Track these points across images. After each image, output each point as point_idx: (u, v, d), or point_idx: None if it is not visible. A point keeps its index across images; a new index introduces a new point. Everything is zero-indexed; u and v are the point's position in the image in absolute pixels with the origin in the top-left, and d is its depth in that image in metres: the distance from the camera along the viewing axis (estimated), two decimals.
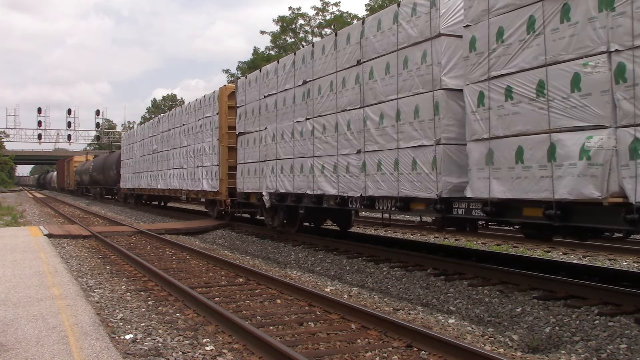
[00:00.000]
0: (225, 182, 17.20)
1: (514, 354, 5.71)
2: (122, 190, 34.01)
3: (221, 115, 17.74)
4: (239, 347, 5.71)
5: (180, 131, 22.03)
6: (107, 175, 39.11)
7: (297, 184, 12.53)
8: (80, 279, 9.41)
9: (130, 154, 31.81)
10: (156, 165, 25.53)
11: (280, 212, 14.10)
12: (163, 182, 24.23)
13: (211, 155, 18.23)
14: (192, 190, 20.49)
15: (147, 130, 28.31)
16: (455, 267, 9.14)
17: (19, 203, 40.11)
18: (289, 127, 12.96)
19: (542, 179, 6.53)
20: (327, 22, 49.84)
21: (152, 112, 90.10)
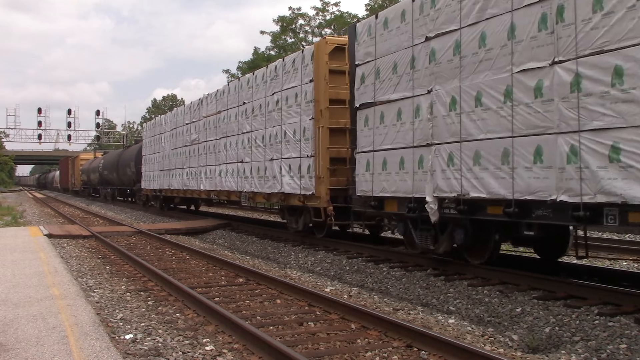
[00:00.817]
0: (326, 180, 12.19)
1: (514, 354, 5.71)
2: (143, 191, 28.45)
3: (318, 83, 12.47)
4: (239, 347, 5.71)
5: (238, 113, 16.50)
6: (122, 174, 34.02)
7: (525, 184, 7.24)
8: (80, 279, 9.41)
9: (154, 147, 26.22)
10: (196, 160, 20.11)
11: (456, 231, 8.92)
12: (209, 181, 18.80)
13: (297, 142, 13.07)
14: (261, 193, 14.97)
15: (181, 117, 22.49)
16: (455, 267, 9.14)
17: (19, 203, 40.11)
18: (498, 83, 7.60)
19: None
20: (327, 22, 49.82)
21: (152, 112, 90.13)
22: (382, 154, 10.02)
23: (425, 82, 9.04)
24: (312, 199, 12.53)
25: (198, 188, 19.95)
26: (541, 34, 6.96)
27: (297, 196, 13.10)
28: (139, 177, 29.00)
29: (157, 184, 25.40)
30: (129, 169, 31.80)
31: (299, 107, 13.08)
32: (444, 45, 8.62)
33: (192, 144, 20.74)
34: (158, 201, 26.38)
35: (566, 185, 6.65)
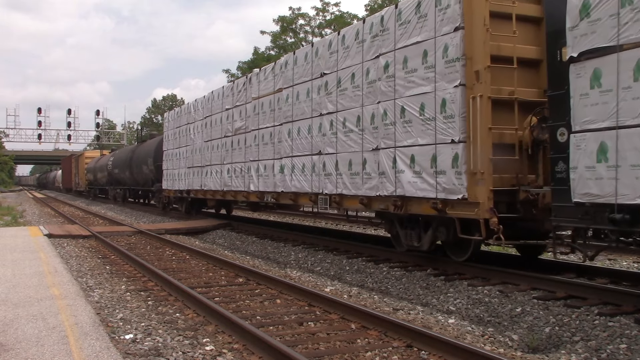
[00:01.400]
0: (488, 178, 8.04)
1: (514, 354, 5.71)
2: (165, 193, 23.85)
3: (472, 30, 8.32)
4: (239, 347, 5.71)
5: (311, 89, 12.34)
6: (136, 173, 29.69)
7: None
8: (80, 279, 9.41)
9: (180, 140, 21.90)
10: (242, 153, 15.85)
11: None
12: (262, 180, 14.62)
13: (429, 122, 8.91)
14: (355, 196, 10.77)
15: (218, 101, 17.84)
16: (455, 267, 9.13)
17: (19, 203, 40.10)
18: None
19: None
20: (327, 22, 49.85)
21: (152, 112, 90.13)
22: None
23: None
24: (459, 205, 8.37)
25: (246, 189, 15.58)
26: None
27: (428, 201, 8.89)
28: (159, 176, 24.71)
29: (185, 184, 20.86)
30: (146, 166, 27.45)
31: (431, 71, 8.88)
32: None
33: (236, 134, 16.21)
34: (184, 204, 22.11)
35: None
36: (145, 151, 28.54)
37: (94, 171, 43.76)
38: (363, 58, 10.61)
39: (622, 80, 5.97)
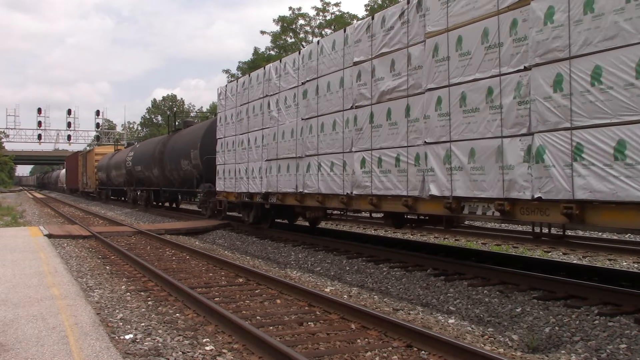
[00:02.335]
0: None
1: (514, 354, 5.71)
2: (219, 196, 17.50)
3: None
4: (239, 347, 5.71)
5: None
6: (170, 170, 23.38)
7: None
8: (80, 279, 9.41)
9: (249, 122, 15.30)
10: (398, 133, 9.43)
11: None
12: (472, 183, 7.86)
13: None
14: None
15: (334, 55, 11.39)
16: (455, 267, 9.14)
17: (19, 203, 40.11)
18: None
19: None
20: (327, 22, 49.87)
21: (152, 112, 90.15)
22: None
23: None
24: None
25: (418, 193, 8.87)
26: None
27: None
28: (209, 174, 18.85)
29: (259, 184, 14.38)
30: (187, 161, 21.26)
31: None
32: None
33: (383, 101, 9.80)
34: (251, 212, 15.77)
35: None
36: (185, 142, 22.05)
37: (106, 169, 37.54)
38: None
39: None
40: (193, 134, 21.78)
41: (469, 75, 7.98)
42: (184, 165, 21.94)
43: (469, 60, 7.97)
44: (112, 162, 36.49)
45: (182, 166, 22.09)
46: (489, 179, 7.58)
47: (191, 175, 21.49)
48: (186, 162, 21.64)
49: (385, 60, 9.76)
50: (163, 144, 25.50)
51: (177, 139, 24.00)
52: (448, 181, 8.27)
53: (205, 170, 19.64)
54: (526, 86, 7.08)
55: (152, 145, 27.63)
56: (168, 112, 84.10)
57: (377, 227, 17.62)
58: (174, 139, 24.55)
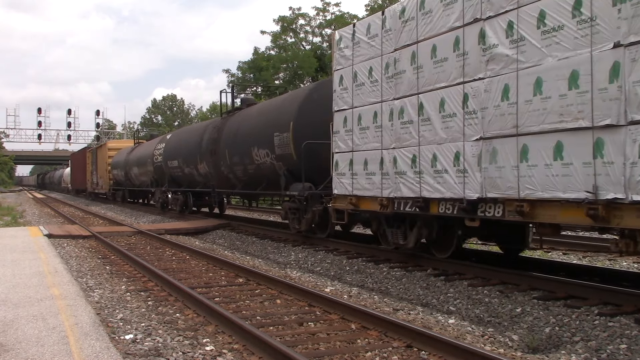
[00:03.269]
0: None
1: (514, 354, 5.71)
2: (337, 202, 11.11)
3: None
4: (239, 347, 5.71)
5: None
6: (229, 164, 17.03)
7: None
8: (80, 279, 9.41)
9: (431, 74, 8.50)
10: None
11: None
12: None
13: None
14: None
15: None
16: (455, 267, 9.14)
17: (19, 203, 40.10)
18: None
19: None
20: (327, 22, 49.86)
21: (152, 112, 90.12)
22: None
23: None
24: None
25: None
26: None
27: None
28: (311, 169, 12.72)
29: (457, 182, 8.02)
30: (264, 150, 14.70)
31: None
32: None
33: None
34: (411, 232, 9.66)
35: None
36: (260, 123, 15.31)
37: (124, 166, 31.47)
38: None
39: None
40: (277, 111, 14.61)
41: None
42: (258, 157, 15.09)
43: None
44: (133, 157, 30.06)
45: (256, 158, 15.24)
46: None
47: (272, 172, 14.63)
48: (263, 153, 14.76)
49: None
50: (216, 129, 18.38)
51: (243, 121, 16.72)
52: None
53: (303, 163, 12.65)
54: None
55: (196, 133, 20.80)
56: (168, 111, 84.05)
57: None
58: (235, 121, 17.31)
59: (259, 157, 15.18)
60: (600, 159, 6.05)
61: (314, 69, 45.62)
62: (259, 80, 49.23)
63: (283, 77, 49.07)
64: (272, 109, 15.26)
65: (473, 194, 7.76)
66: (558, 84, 6.51)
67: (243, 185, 17.14)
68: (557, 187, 6.55)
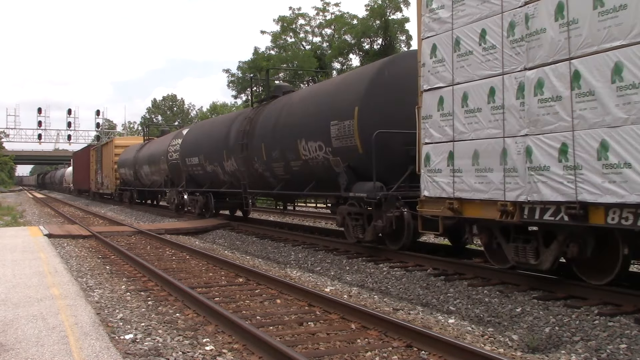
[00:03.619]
0: None
1: (514, 354, 5.71)
2: (427, 206, 8.68)
3: None
4: (239, 347, 5.71)
5: None
6: (266, 161, 14.43)
7: None
8: (80, 279, 9.42)
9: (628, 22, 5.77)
10: None
11: None
12: None
13: None
14: None
15: None
16: (455, 267, 9.14)
17: (19, 203, 40.09)
18: None
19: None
20: (327, 22, 49.89)
21: (152, 112, 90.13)
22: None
23: None
24: None
25: None
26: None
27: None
28: (385, 166, 10.41)
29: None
30: (316, 143, 12.17)
31: None
32: None
33: None
34: (583, 247, 7.00)
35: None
36: (308, 110, 12.89)
37: (133, 165, 29.43)
38: None
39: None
40: (334, 95, 11.92)
41: None
42: (307, 151, 12.45)
43: None
44: (143, 155, 28.05)
45: (304, 153, 12.58)
46: None
47: (326, 168, 11.98)
48: (314, 146, 12.19)
49: None
50: (248, 121, 15.58)
51: (284, 109, 14.08)
52: None
53: (374, 158, 10.06)
54: None
55: (222, 125, 18.15)
56: (168, 111, 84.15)
57: None
58: (274, 110, 14.60)
59: (308, 152, 12.53)
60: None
61: (314, 69, 45.57)
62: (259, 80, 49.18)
63: (283, 77, 49.08)
64: (327, 93, 12.51)
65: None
66: None
67: (284, 185, 14.37)
68: None
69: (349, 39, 47.55)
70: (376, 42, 45.71)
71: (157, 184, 26.64)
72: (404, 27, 45.72)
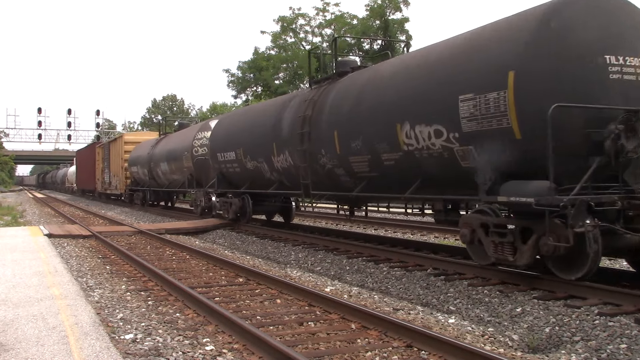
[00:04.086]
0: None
1: (514, 354, 5.71)
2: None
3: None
4: (239, 347, 5.71)
5: None
6: (339, 156, 11.16)
7: None
8: (80, 278, 9.42)
9: None
10: None
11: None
12: None
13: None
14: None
15: None
16: (455, 267, 9.14)
17: (19, 203, 40.10)
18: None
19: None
20: (327, 22, 49.90)
21: (152, 112, 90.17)
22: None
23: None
24: None
25: None
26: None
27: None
28: (557, 154, 6.81)
29: None
30: (419, 127, 8.94)
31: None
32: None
33: None
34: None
35: None
36: (412, 83, 9.43)
37: (148, 163, 26.49)
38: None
39: None
40: (463, 58, 8.53)
41: None
42: (414, 139, 9.17)
43: None
44: (160, 151, 25.10)
45: (407, 142, 9.34)
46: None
47: (446, 162, 8.76)
48: (426, 132, 8.88)
49: None
50: (310, 104, 12.29)
51: (366, 86, 10.77)
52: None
53: (550, 143, 6.86)
54: None
55: (269, 112, 14.83)
56: (168, 111, 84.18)
57: (377, 226, 17.62)
58: (353, 87, 11.26)
59: (415, 140, 9.11)
60: None
61: (314, 69, 45.60)
62: (259, 80, 49.23)
63: (283, 77, 49.09)
64: (450, 57, 8.79)
65: None
66: None
67: (366, 185, 10.92)
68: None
69: (349, 39, 47.54)
70: (376, 42, 45.73)
71: (176, 184, 23.69)
72: (404, 27, 45.77)
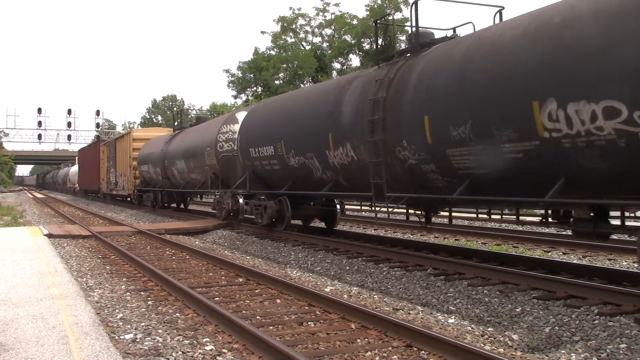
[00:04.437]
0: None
1: (513, 354, 5.71)
2: None
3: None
4: (239, 346, 5.71)
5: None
6: (435, 146, 8.43)
7: None
8: (80, 279, 9.42)
9: None
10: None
11: None
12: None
13: None
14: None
15: None
16: (455, 267, 9.14)
17: (19, 203, 40.09)
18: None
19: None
20: (327, 22, 49.90)
21: (152, 112, 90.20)
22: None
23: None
24: None
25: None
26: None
27: None
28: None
29: None
30: (587, 105, 6.12)
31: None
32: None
33: None
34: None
35: None
36: (584, 40, 6.27)
37: (161, 161, 24.11)
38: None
39: None
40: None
41: None
42: (565, 123, 6.46)
43: None
44: (175, 148, 22.70)
45: (549, 128, 6.66)
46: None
47: (609, 156, 6.22)
48: (588, 112, 6.18)
49: None
50: (380, 84, 9.75)
51: (472, 54, 7.99)
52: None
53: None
54: None
55: (322, 98, 12.14)
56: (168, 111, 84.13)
57: (377, 226, 17.62)
58: (444, 60, 8.68)
59: (567, 123, 6.47)
60: None
61: (314, 69, 45.59)
62: (259, 80, 49.23)
63: (283, 77, 49.07)
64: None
65: None
66: None
67: (469, 185, 8.29)
68: None
69: (349, 39, 47.57)
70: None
71: (195, 184, 21.17)
72: (404, 27, 45.74)
